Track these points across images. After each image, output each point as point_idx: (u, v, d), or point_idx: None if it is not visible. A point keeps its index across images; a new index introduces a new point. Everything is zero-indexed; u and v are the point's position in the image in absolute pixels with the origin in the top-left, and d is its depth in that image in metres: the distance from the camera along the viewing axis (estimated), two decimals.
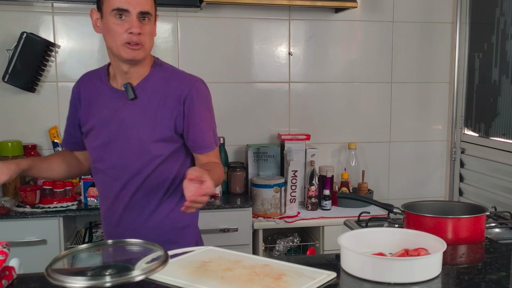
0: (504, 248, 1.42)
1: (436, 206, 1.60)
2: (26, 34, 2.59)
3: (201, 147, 1.65)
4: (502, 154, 2.70)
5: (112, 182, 1.64)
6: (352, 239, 1.28)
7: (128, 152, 1.60)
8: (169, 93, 1.60)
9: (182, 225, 1.68)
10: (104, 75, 1.67)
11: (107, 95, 1.64)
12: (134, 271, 0.98)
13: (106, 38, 1.58)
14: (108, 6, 1.51)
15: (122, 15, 1.51)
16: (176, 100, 1.60)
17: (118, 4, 1.50)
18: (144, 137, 1.59)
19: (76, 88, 1.72)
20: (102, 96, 1.64)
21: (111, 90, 1.64)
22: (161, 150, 1.60)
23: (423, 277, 1.14)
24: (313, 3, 2.73)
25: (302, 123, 3.00)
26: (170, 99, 1.60)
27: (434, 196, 3.17)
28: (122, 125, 1.60)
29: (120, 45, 1.53)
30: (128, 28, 1.51)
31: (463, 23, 3.03)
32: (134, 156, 1.60)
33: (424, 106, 3.15)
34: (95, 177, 1.72)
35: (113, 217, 1.66)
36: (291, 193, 2.67)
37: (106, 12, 1.53)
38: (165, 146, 1.61)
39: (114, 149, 1.61)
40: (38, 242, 2.29)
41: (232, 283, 1.10)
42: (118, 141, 1.61)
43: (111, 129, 1.61)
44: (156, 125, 1.59)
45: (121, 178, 1.62)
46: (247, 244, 2.51)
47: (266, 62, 2.93)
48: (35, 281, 1.14)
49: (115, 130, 1.61)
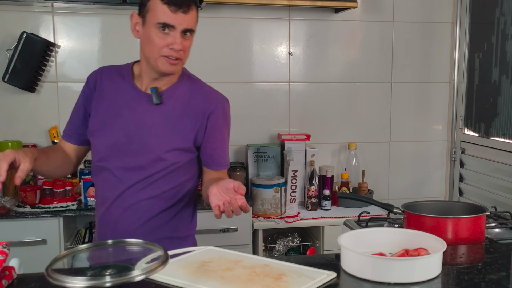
0: (504, 248, 1.42)
1: (436, 206, 1.60)
2: (26, 34, 2.59)
3: (216, 164, 1.67)
4: (502, 154, 2.70)
5: (117, 182, 1.60)
6: (352, 239, 1.28)
7: (142, 155, 1.57)
8: (194, 105, 1.59)
9: (180, 235, 1.67)
10: (127, 73, 1.63)
11: (130, 94, 1.60)
12: (134, 271, 0.98)
13: (144, 46, 1.54)
14: (154, 18, 1.48)
15: (166, 29, 1.47)
16: (200, 113, 1.59)
17: (165, 19, 1.46)
18: (163, 144, 1.57)
19: (93, 78, 1.65)
20: (124, 95, 1.60)
21: (135, 91, 1.60)
22: (176, 158, 1.59)
23: (423, 277, 1.14)
24: (313, 3, 2.73)
25: (302, 123, 3.00)
26: (195, 111, 1.59)
27: (434, 196, 3.17)
28: (141, 128, 1.57)
29: (158, 57, 1.50)
30: (170, 44, 1.48)
31: (463, 23, 3.03)
32: (148, 160, 1.57)
33: (424, 106, 3.15)
34: (97, 176, 1.66)
35: (111, 218, 1.62)
36: (291, 193, 2.67)
37: (150, 22, 1.49)
38: (181, 155, 1.60)
39: (127, 150, 1.57)
40: (38, 242, 2.29)
41: (232, 283, 1.10)
42: (134, 143, 1.57)
43: (129, 130, 1.57)
44: (176, 135, 1.57)
45: (129, 179, 1.59)
46: (247, 244, 2.51)
47: (266, 62, 2.94)
48: (35, 281, 1.14)
49: (133, 132, 1.57)
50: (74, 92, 2.80)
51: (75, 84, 2.70)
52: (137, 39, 1.58)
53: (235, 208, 1.36)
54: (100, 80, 1.64)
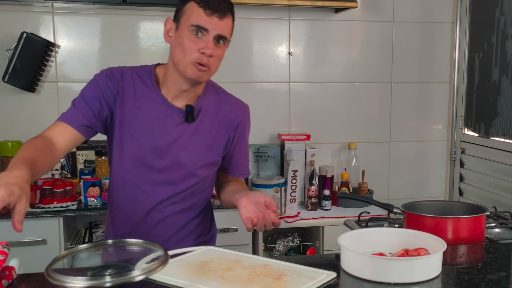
0: (504, 248, 1.42)
1: (436, 206, 1.60)
2: (26, 34, 2.59)
3: (240, 173, 1.68)
4: (502, 154, 2.70)
5: (145, 198, 1.55)
6: (352, 239, 1.28)
7: (173, 171, 1.54)
8: (222, 117, 1.58)
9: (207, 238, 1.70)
10: (150, 80, 1.54)
11: (159, 107, 1.52)
12: (134, 271, 0.98)
13: (174, 51, 1.47)
14: (188, 20, 1.43)
15: (199, 33, 1.43)
16: (228, 125, 1.59)
17: (199, 21, 1.42)
18: (195, 160, 1.55)
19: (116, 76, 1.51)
20: (153, 106, 1.52)
21: (164, 103, 1.52)
22: (206, 172, 1.60)
23: (423, 277, 1.14)
24: (313, 3, 2.73)
25: (302, 123, 3.00)
26: (223, 124, 1.58)
27: (434, 196, 3.17)
28: (173, 145, 1.52)
29: (188, 62, 1.44)
30: (201, 48, 1.43)
31: (463, 23, 3.03)
32: (179, 176, 1.54)
33: (424, 106, 3.15)
34: (120, 190, 1.58)
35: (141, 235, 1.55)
36: (291, 193, 2.67)
37: (183, 25, 1.44)
38: (211, 169, 1.61)
39: (158, 166, 1.53)
40: (38, 242, 2.29)
41: (232, 283, 1.10)
42: (165, 159, 1.52)
43: (159, 146, 1.52)
44: (208, 150, 1.57)
45: (158, 195, 1.55)
46: (247, 244, 2.51)
47: (266, 62, 2.93)
48: (35, 281, 1.14)
49: (164, 148, 1.52)
50: (74, 92, 2.78)
51: (75, 84, 2.70)
52: (137, 39, 1.57)
53: (267, 223, 1.41)
54: (122, 81, 1.52)
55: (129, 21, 2.76)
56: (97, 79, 1.51)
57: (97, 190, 2.46)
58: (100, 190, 2.47)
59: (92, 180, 2.47)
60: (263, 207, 1.42)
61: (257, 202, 1.43)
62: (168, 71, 1.53)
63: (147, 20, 2.77)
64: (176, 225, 1.60)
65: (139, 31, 2.77)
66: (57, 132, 1.46)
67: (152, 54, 2.76)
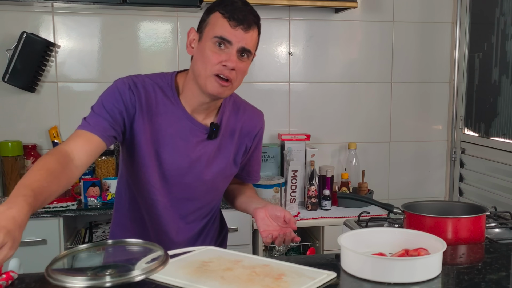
0: (504, 248, 1.42)
1: (436, 206, 1.60)
2: (26, 34, 2.59)
3: (251, 179, 1.69)
4: (502, 154, 2.70)
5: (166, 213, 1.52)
6: (352, 239, 1.28)
7: (196, 188, 1.52)
8: (240, 128, 1.56)
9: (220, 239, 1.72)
10: (172, 93, 1.47)
11: (183, 122, 1.47)
12: (134, 271, 0.98)
13: (196, 63, 1.41)
14: (211, 31, 1.38)
15: (223, 45, 1.37)
16: (247, 135, 1.58)
17: (223, 33, 1.36)
18: (218, 176, 1.54)
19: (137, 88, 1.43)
20: (176, 123, 1.46)
21: (187, 119, 1.47)
22: (226, 184, 1.61)
23: (423, 277, 1.14)
24: (313, 3, 2.73)
25: (302, 123, 3.00)
26: (242, 135, 1.56)
27: (434, 196, 3.17)
28: (196, 163, 1.49)
29: (209, 75, 1.38)
30: (224, 60, 1.37)
31: (463, 23, 3.03)
32: (201, 192, 1.54)
33: (424, 106, 3.15)
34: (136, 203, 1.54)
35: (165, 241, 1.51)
36: (291, 193, 2.67)
37: (207, 36, 1.39)
38: (229, 180, 1.62)
39: (180, 182, 1.50)
40: (38, 242, 2.29)
41: (232, 283, 1.10)
42: (187, 176, 1.49)
43: (182, 163, 1.47)
44: (229, 164, 1.56)
45: (178, 210, 1.53)
46: (247, 244, 2.51)
47: (266, 62, 2.93)
48: (35, 281, 1.14)
49: (187, 165, 1.48)
50: (74, 92, 2.82)
51: (75, 84, 2.70)
52: (137, 39, 1.56)
53: (287, 240, 1.43)
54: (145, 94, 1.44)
55: (129, 21, 2.76)
56: (119, 89, 1.42)
57: (97, 190, 2.46)
58: (100, 190, 2.47)
59: (92, 180, 2.47)
60: (282, 222, 1.43)
61: (276, 216, 1.43)
62: (188, 82, 1.47)
63: (147, 20, 2.77)
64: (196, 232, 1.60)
65: (139, 31, 2.76)
66: (79, 145, 1.32)
67: (152, 54, 2.75)
